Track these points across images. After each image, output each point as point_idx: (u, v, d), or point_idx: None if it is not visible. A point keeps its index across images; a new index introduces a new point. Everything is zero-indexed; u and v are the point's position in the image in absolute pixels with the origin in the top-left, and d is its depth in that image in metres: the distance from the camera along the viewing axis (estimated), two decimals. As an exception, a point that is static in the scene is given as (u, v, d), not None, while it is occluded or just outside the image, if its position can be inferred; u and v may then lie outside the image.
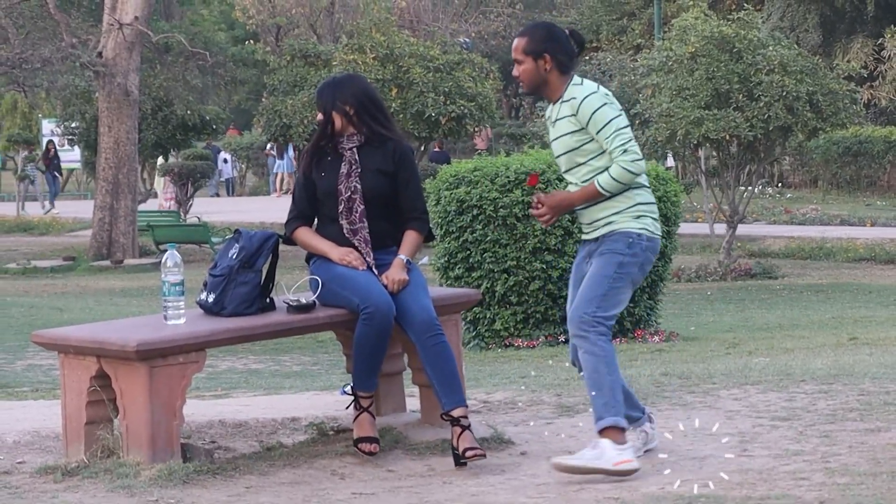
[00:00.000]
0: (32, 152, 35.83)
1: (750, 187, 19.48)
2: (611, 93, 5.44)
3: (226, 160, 40.62)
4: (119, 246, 23.87)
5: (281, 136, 24.20)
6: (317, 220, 5.83)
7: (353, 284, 5.55)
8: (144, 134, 26.14)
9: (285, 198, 31.22)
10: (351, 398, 5.67)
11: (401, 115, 20.90)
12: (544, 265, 10.75)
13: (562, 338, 10.45)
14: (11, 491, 5.18)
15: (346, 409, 5.79)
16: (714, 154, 19.83)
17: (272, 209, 28.84)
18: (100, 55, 23.62)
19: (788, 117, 17.60)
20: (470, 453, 5.40)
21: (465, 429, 5.46)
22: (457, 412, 5.47)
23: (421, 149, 23.13)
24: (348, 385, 5.78)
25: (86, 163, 34.32)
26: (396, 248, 5.72)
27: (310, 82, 23.17)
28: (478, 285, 10.76)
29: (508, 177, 10.71)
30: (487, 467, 5.42)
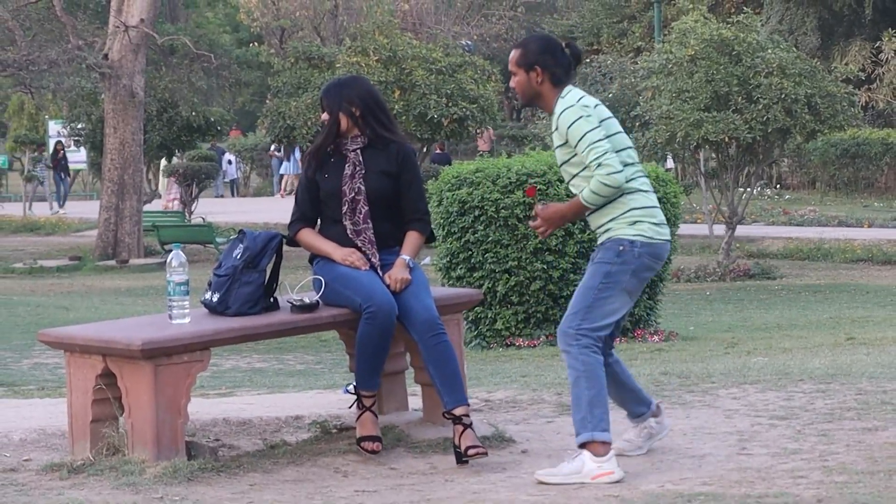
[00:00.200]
0: (42, 153, 35.83)
1: (749, 189, 19.49)
2: (595, 102, 5.32)
3: (230, 161, 40.65)
4: (124, 246, 23.92)
5: (285, 137, 24.19)
6: (320, 221, 5.84)
7: (355, 284, 5.57)
8: (150, 135, 26.16)
9: (289, 199, 31.18)
10: (354, 397, 5.69)
11: (403, 117, 20.90)
12: (545, 265, 10.79)
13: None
14: (18, 488, 5.20)
15: (349, 408, 5.80)
16: (713, 156, 19.85)
17: (276, 210, 28.83)
18: (106, 57, 23.66)
19: (787, 119, 17.62)
20: (472, 451, 5.42)
21: (466, 427, 5.47)
22: (458, 411, 5.49)
23: (423, 150, 23.14)
24: (351, 384, 5.77)
25: (91, 164, 34.33)
26: (398, 249, 5.74)
27: (313, 84, 23.17)
28: (479, 285, 10.80)
29: (510, 178, 10.74)
30: (489, 465, 5.43)
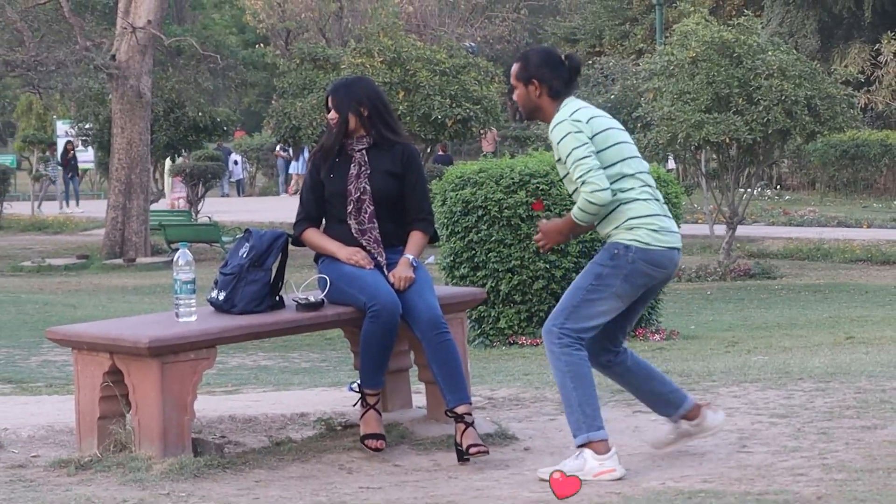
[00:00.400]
0: (53, 153, 35.89)
1: (749, 189, 19.53)
2: (591, 115, 5.21)
3: (236, 162, 40.73)
4: (131, 245, 23.98)
5: (290, 137, 24.27)
6: (325, 220, 5.86)
7: (360, 283, 5.60)
8: (157, 135, 26.22)
9: (296, 198, 31.24)
10: (358, 395, 5.72)
11: (408, 118, 20.96)
12: (548, 265, 10.82)
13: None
14: (26, 484, 5.23)
15: (353, 405, 5.84)
16: (714, 157, 19.90)
17: (281, 209, 28.82)
18: (113, 58, 23.71)
19: (787, 121, 17.67)
20: (473, 450, 5.44)
21: (468, 425, 5.49)
22: (461, 409, 5.51)
23: (427, 150, 23.20)
24: (356, 382, 5.80)
25: (99, 163, 34.45)
26: (402, 248, 5.76)
27: (319, 85, 23.24)
28: (482, 284, 10.82)
29: (513, 178, 10.77)
30: (492, 462, 5.45)
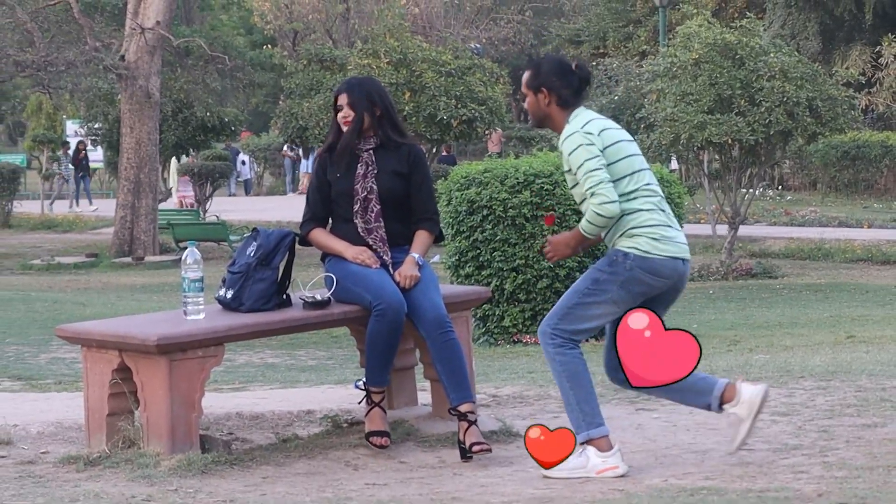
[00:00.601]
0: (66, 152, 35.97)
1: (751, 189, 19.56)
2: (602, 127, 5.19)
3: (244, 161, 40.81)
4: (140, 243, 24.07)
5: (297, 137, 24.35)
6: (331, 220, 5.89)
7: (366, 282, 5.63)
8: (165, 135, 26.30)
9: (304, 196, 31.28)
10: (363, 392, 5.74)
11: (414, 118, 21.02)
12: (552, 264, 10.84)
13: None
14: (35, 480, 5.27)
15: (359, 403, 5.87)
16: (716, 157, 19.92)
17: (288, 208, 28.87)
18: (122, 58, 23.79)
19: (789, 122, 17.70)
20: (476, 448, 5.47)
21: (471, 423, 5.52)
22: (464, 407, 5.55)
23: (433, 151, 23.25)
24: (362, 379, 5.83)
25: (108, 163, 34.55)
26: (408, 248, 5.80)
27: (325, 86, 23.31)
28: (487, 283, 10.85)
29: (517, 178, 10.80)
30: (496, 459, 5.48)
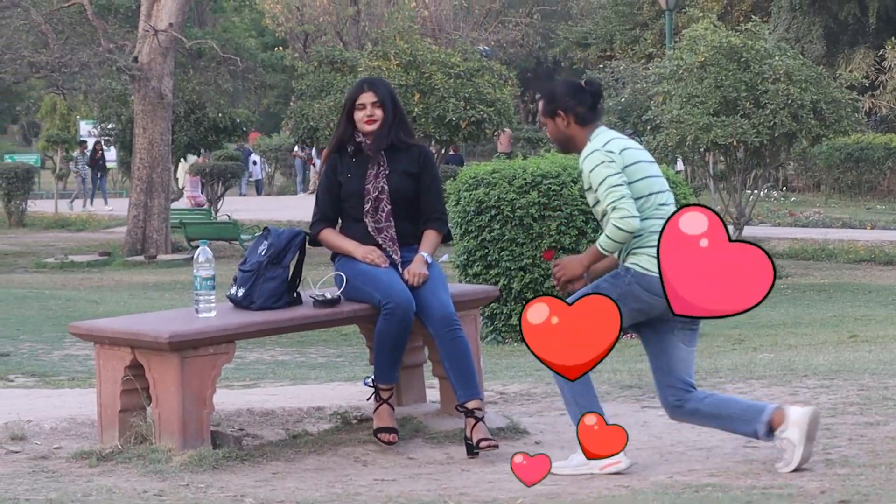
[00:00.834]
0: (84, 151, 36.10)
1: (756, 191, 19.65)
2: (624, 146, 5.20)
3: (255, 162, 40.90)
4: (152, 242, 24.17)
5: (308, 138, 24.43)
6: (340, 219, 5.94)
7: (375, 281, 5.68)
8: (177, 135, 26.40)
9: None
10: (372, 389, 5.79)
11: (423, 119, 21.11)
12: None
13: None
14: (49, 475, 5.32)
15: (367, 400, 5.91)
16: (722, 159, 19.96)
17: (299, 208, 28.91)
18: (135, 60, 23.88)
19: (793, 124, 17.77)
20: (483, 444, 5.52)
21: (478, 420, 5.57)
22: (471, 404, 5.59)
23: (442, 152, 23.31)
24: (371, 377, 5.88)
25: (121, 163, 34.64)
26: (417, 247, 5.84)
27: (336, 87, 23.40)
28: (495, 282, 10.91)
29: (525, 179, 10.86)
30: (503, 456, 5.47)
